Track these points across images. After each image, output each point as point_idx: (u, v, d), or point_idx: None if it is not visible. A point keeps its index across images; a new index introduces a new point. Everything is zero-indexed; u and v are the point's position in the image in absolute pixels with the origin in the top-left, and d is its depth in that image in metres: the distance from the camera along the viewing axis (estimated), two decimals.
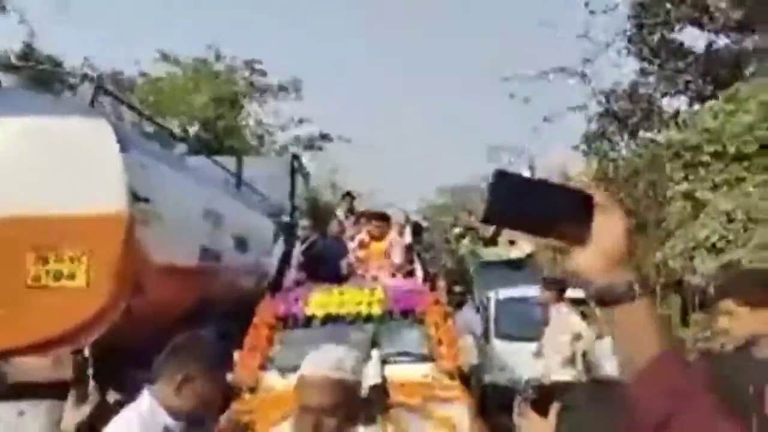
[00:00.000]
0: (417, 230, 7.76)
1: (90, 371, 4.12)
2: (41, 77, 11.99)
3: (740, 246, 8.45)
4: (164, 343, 2.32)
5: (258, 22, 44.05)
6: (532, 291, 8.30)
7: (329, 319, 5.27)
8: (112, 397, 4.26)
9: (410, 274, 6.57)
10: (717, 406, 0.91)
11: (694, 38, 14.52)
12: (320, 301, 5.41)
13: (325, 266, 6.67)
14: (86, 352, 4.10)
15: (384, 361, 4.06)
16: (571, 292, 6.79)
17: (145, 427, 2.23)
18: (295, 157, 10.14)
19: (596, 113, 14.46)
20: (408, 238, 6.99)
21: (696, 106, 12.72)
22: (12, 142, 4.02)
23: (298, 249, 6.98)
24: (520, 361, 7.04)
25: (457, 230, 16.64)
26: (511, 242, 13.54)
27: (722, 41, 13.70)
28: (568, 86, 14.74)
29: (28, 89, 4.71)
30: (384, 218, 6.94)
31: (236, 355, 4.96)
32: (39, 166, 3.98)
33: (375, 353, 3.90)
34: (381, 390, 3.75)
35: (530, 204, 0.94)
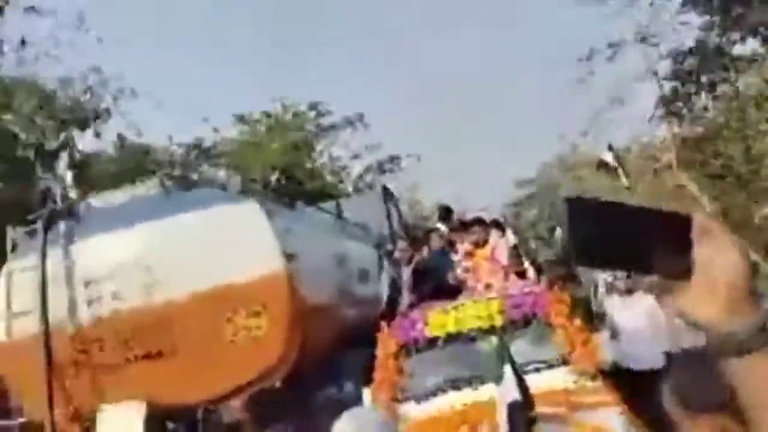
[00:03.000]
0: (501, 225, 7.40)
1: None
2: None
3: None
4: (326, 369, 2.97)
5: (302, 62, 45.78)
6: None
7: (451, 338, 5.23)
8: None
9: (522, 275, 6.48)
10: None
11: None
12: (439, 321, 5.35)
13: (435, 281, 6.66)
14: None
15: (518, 373, 3.72)
16: None
17: None
18: (385, 188, 10.92)
19: (667, 75, 13.73)
20: (511, 238, 6.93)
21: None
22: (193, 233, 5.07)
23: (405, 271, 7.02)
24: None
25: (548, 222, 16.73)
26: None
27: None
28: (628, 61, 14.45)
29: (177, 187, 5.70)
30: (481, 223, 6.89)
31: (366, 392, 4.92)
32: (216, 248, 5.00)
33: (507, 369, 3.64)
34: (523, 405, 3.47)
35: (616, 233, 0.77)
